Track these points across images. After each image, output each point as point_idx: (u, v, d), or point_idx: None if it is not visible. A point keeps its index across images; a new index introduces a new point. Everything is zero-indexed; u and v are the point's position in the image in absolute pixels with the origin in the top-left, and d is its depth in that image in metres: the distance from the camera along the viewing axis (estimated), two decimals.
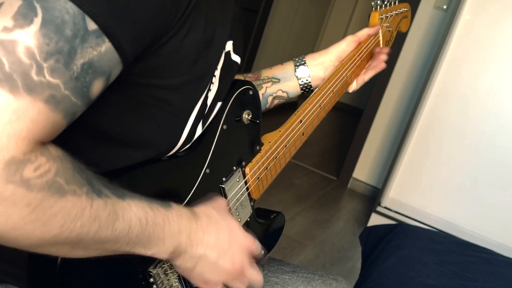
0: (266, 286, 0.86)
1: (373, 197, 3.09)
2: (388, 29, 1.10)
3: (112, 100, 0.56)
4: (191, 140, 0.66)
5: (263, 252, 0.69)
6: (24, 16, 0.42)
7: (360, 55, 1.00)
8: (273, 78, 0.96)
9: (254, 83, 0.96)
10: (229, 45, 0.71)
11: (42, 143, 0.45)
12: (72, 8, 0.44)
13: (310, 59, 0.97)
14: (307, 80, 0.96)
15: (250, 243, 0.66)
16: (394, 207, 2.60)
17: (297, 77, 0.96)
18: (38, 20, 0.43)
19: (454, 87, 2.44)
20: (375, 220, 2.60)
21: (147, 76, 0.56)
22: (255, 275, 0.67)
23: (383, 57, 1.03)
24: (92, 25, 0.45)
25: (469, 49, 2.39)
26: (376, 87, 3.06)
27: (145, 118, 0.59)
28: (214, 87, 0.66)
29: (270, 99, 0.97)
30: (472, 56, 2.38)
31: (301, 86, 0.96)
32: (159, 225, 0.55)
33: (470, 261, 1.41)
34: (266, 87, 0.96)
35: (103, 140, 0.59)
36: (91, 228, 0.48)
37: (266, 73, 0.97)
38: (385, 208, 2.61)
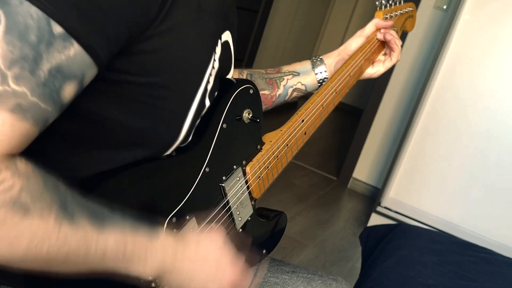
0: (266, 286, 0.86)
1: (373, 197, 3.09)
2: (393, 28, 1.10)
3: (106, 101, 0.55)
4: (190, 135, 0.66)
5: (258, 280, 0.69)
6: None
7: (365, 52, 1.02)
8: (293, 72, 1.01)
9: (276, 75, 1.00)
10: (226, 35, 0.71)
11: (10, 156, 0.43)
12: (36, 12, 0.42)
13: (324, 56, 1.03)
14: (324, 75, 1.01)
15: (236, 279, 0.64)
16: (394, 207, 2.60)
17: (314, 72, 1.01)
18: (1, 27, 0.41)
19: (454, 87, 2.43)
20: (375, 220, 2.60)
21: (137, 74, 0.54)
22: None
23: (393, 43, 1.06)
24: (57, 29, 0.44)
25: (469, 49, 2.39)
26: (376, 87, 3.06)
27: (142, 116, 0.58)
28: (212, 78, 0.66)
29: (290, 90, 1.01)
30: (472, 56, 2.38)
31: (318, 80, 1.01)
32: (138, 256, 0.53)
33: (470, 261, 1.41)
34: (287, 79, 1.00)
35: (98, 141, 0.58)
36: (60, 252, 0.46)
37: (286, 68, 1.02)
38: (385, 208, 2.61)
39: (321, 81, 1.01)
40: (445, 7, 2.78)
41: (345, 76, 0.96)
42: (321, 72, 1.01)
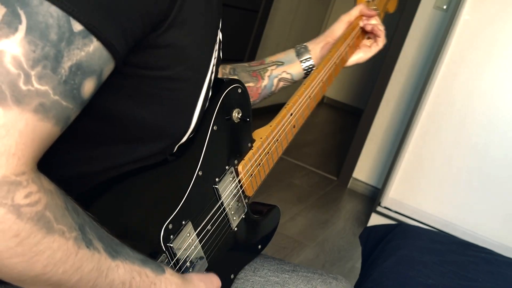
0: (267, 285, 0.86)
1: (373, 197, 3.09)
2: (376, 11, 1.09)
3: (121, 96, 0.55)
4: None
5: None
6: (8, 24, 0.41)
7: (349, 40, 1.01)
8: (277, 61, 1.00)
9: (260, 67, 0.99)
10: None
11: (34, 170, 0.43)
12: (55, 11, 0.43)
13: (309, 43, 1.02)
14: (309, 62, 1.00)
15: None
16: (394, 207, 2.60)
17: (299, 60, 1.00)
18: (22, 27, 0.42)
19: (454, 87, 2.43)
20: (375, 220, 2.60)
21: (152, 68, 0.55)
22: None
23: (376, 30, 1.03)
24: (77, 26, 0.44)
25: (469, 49, 2.39)
26: (376, 87, 3.06)
27: (156, 109, 0.58)
28: (215, 67, 0.67)
29: (275, 81, 1.00)
30: (472, 56, 2.38)
31: (304, 68, 1.00)
32: None
33: (470, 261, 1.41)
34: (271, 70, 0.99)
35: (114, 136, 0.58)
36: (72, 277, 0.46)
37: (270, 58, 1.01)
38: (385, 208, 2.61)
39: (306, 68, 1.00)
40: (445, 7, 2.78)
41: (330, 65, 0.96)
42: (306, 60, 0.99)
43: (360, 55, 1.05)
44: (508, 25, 2.33)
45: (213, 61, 0.65)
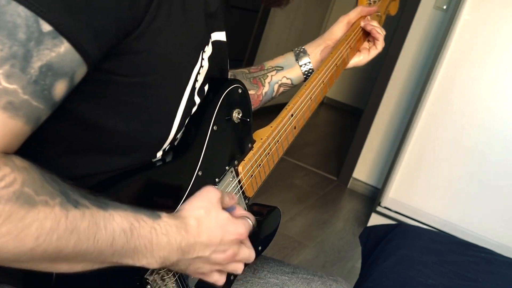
0: (266, 287, 0.86)
1: (373, 197, 3.09)
2: (377, 13, 1.09)
3: (95, 104, 0.55)
4: (181, 131, 0.66)
5: (254, 226, 0.69)
6: None
7: (350, 41, 1.00)
8: (276, 67, 1.00)
9: (259, 73, 0.98)
10: (216, 35, 0.71)
11: (4, 154, 0.43)
12: (23, 11, 0.43)
13: (307, 46, 1.01)
14: (309, 66, 1.00)
15: (241, 231, 0.64)
16: (394, 207, 2.60)
17: (299, 64, 0.99)
18: None
19: (454, 87, 2.43)
20: (375, 220, 2.60)
21: (126, 74, 0.54)
22: (246, 254, 0.67)
23: (374, 31, 1.03)
24: (46, 27, 0.44)
25: (469, 49, 2.39)
26: (376, 87, 3.06)
27: (131, 118, 0.58)
28: (200, 76, 0.66)
29: (276, 86, 1.00)
30: (472, 56, 2.38)
31: (303, 72, 1.00)
32: (145, 237, 0.53)
33: (470, 261, 1.41)
34: (271, 76, 0.99)
35: (89, 146, 0.58)
36: (70, 240, 0.46)
37: (269, 63, 1.00)
38: (385, 208, 2.61)
39: (306, 72, 1.00)
40: (445, 7, 2.78)
41: (332, 66, 0.95)
42: (305, 64, 0.99)
43: (359, 58, 1.04)
44: (508, 25, 2.33)
45: (197, 69, 0.64)
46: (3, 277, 0.62)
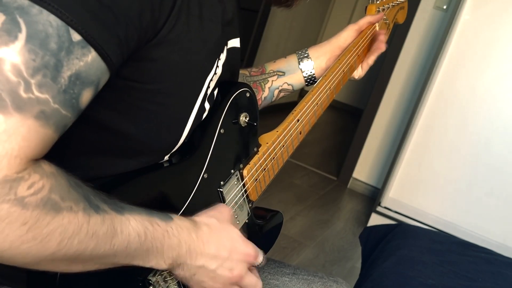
0: None
1: (373, 197, 3.09)
2: (385, 21, 1.09)
3: (110, 109, 0.56)
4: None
5: (264, 259, 0.69)
6: (8, 32, 0.42)
7: (358, 48, 0.99)
8: (278, 71, 0.97)
9: (260, 77, 0.97)
10: (232, 42, 0.71)
11: (34, 160, 0.44)
12: (55, 20, 0.43)
13: (312, 51, 0.98)
14: (311, 72, 0.97)
15: (250, 252, 0.66)
16: (394, 207, 2.60)
17: (301, 70, 0.97)
18: (22, 36, 0.42)
19: (453, 87, 2.43)
20: (375, 220, 2.60)
21: (142, 81, 0.55)
22: (253, 281, 0.67)
23: (382, 38, 1.03)
24: (76, 36, 0.45)
25: (469, 49, 2.39)
26: (376, 87, 3.06)
27: (144, 124, 0.58)
28: (213, 83, 0.67)
29: (276, 92, 0.99)
30: (472, 56, 2.38)
31: (306, 78, 0.98)
32: (158, 239, 0.55)
33: (470, 261, 1.41)
34: (272, 81, 0.97)
35: (101, 148, 0.58)
36: (89, 244, 0.48)
37: (271, 66, 0.98)
38: (385, 208, 2.61)
39: (308, 78, 0.98)
40: (445, 7, 2.78)
41: (339, 73, 0.95)
42: (308, 69, 0.97)
43: (358, 73, 1.03)
44: (508, 25, 2.33)
45: (211, 76, 0.65)
46: (4, 279, 0.62)
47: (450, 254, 1.43)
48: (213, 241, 0.62)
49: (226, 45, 0.69)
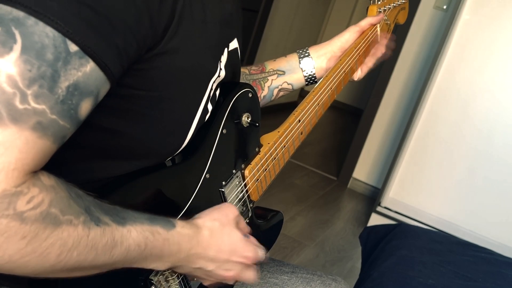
0: (266, 286, 0.86)
1: (373, 197, 3.09)
2: (386, 22, 1.09)
3: (115, 116, 0.56)
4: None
5: (265, 256, 0.70)
6: (3, 43, 0.41)
7: (360, 48, 0.99)
8: (278, 70, 0.97)
9: (260, 75, 0.96)
10: (234, 43, 0.71)
11: (33, 173, 0.44)
12: (51, 31, 0.43)
13: (313, 50, 0.97)
14: (311, 72, 0.97)
15: (249, 255, 0.67)
16: (394, 207, 2.60)
17: (302, 69, 0.96)
18: (17, 47, 0.42)
19: (454, 87, 2.43)
20: (375, 220, 2.60)
21: (146, 89, 0.55)
22: (251, 278, 0.69)
23: (384, 41, 1.03)
24: (73, 47, 0.44)
25: (469, 49, 2.39)
26: (376, 87, 3.06)
27: (148, 129, 0.58)
28: (215, 84, 0.67)
29: (275, 91, 0.98)
30: (472, 56, 2.38)
31: (306, 78, 0.97)
32: (157, 247, 0.56)
33: (470, 261, 1.41)
34: (272, 80, 0.97)
35: (104, 153, 0.59)
36: (88, 256, 0.48)
37: (271, 65, 0.97)
38: (385, 208, 2.61)
39: (308, 78, 0.97)
40: (445, 7, 2.78)
41: (340, 73, 0.95)
42: (308, 69, 0.96)
43: (358, 74, 1.02)
44: (508, 25, 2.33)
45: (214, 79, 0.65)
46: (6, 280, 0.62)
47: (450, 254, 1.43)
48: (213, 245, 0.63)
49: (227, 46, 0.69)
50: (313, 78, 0.97)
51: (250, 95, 0.75)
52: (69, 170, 0.54)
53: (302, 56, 0.96)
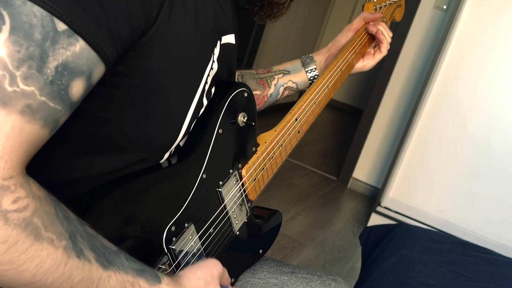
0: (265, 287, 0.86)
1: (373, 197, 3.09)
2: (382, 19, 1.09)
3: (107, 106, 0.55)
4: (188, 133, 0.67)
5: None
6: None
7: (356, 45, 1.01)
8: (284, 70, 1.02)
9: (267, 74, 1.01)
10: (227, 38, 0.71)
11: (23, 173, 0.43)
12: (39, 11, 0.42)
13: (315, 54, 1.04)
14: (314, 72, 1.03)
15: None
16: (394, 207, 2.60)
17: (305, 70, 1.02)
18: (6, 28, 0.41)
19: (453, 87, 2.44)
20: (375, 220, 2.60)
21: (139, 78, 0.55)
22: None
23: (379, 25, 1.04)
24: (61, 26, 0.44)
25: (469, 49, 2.39)
26: (376, 87, 3.06)
27: (142, 120, 0.58)
28: (210, 78, 0.66)
29: (281, 89, 1.02)
30: (472, 56, 2.38)
31: (309, 77, 1.03)
32: None
33: (470, 261, 1.41)
34: (278, 78, 1.02)
35: (96, 145, 0.58)
36: (63, 285, 0.45)
37: (277, 67, 1.03)
38: (385, 208, 2.61)
39: (311, 78, 1.02)
40: (445, 7, 2.78)
41: (336, 71, 0.96)
42: (311, 70, 1.02)
43: (363, 64, 1.05)
44: (508, 25, 2.33)
45: (207, 71, 0.65)
46: None
47: (450, 254, 1.43)
48: None
49: (220, 39, 0.68)
50: (316, 77, 1.02)
51: (245, 94, 0.75)
52: (51, 169, 0.52)
53: (304, 58, 1.03)
